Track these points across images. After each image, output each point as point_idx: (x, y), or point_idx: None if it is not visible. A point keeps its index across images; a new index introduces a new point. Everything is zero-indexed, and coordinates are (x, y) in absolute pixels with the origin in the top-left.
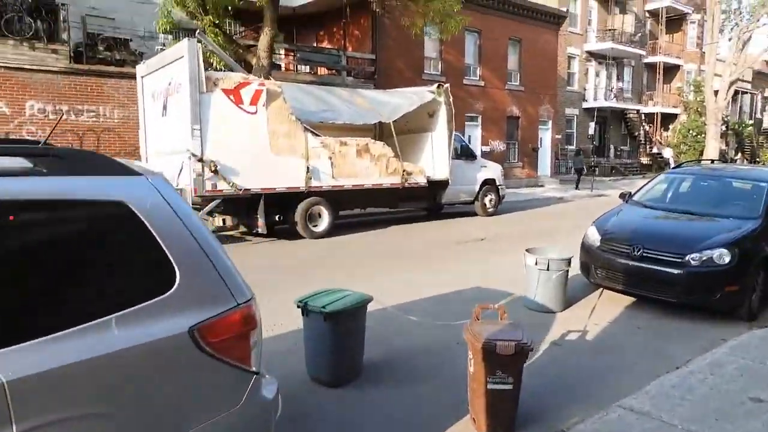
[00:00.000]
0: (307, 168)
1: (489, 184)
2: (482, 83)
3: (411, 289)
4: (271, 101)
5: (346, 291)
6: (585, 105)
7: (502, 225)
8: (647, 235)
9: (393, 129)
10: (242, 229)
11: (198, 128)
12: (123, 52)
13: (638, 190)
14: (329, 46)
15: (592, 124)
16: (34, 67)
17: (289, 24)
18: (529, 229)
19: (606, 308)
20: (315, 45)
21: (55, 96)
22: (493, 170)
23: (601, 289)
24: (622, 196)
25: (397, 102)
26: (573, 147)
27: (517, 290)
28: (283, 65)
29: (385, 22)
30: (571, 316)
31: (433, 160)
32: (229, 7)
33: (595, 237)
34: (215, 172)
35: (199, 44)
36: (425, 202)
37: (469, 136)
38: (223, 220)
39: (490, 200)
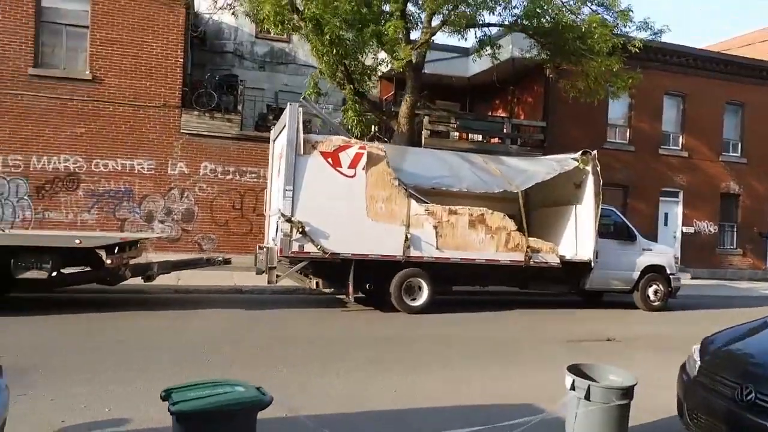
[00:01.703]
0: (406, 236)
1: (655, 271)
2: (685, 153)
3: (403, 395)
4: (372, 165)
5: (241, 385)
6: None
7: (661, 323)
8: None
9: (521, 199)
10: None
11: (291, 189)
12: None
13: None
14: (503, 115)
15: None
16: (211, 134)
17: (464, 94)
18: (696, 334)
19: None
20: (489, 113)
21: (225, 158)
22: (660, 255)
23: None
24: None
25: (534, 170)
26: None
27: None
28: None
29: (558, 88)
30: None
31: (575, 237)
32: (371, 77)
33: (695, 361)
34: (303, 233)
35: (301, 109)
36: (563, 286)
37: (666, 214)
38: (317, 283)
39: (655, 291)
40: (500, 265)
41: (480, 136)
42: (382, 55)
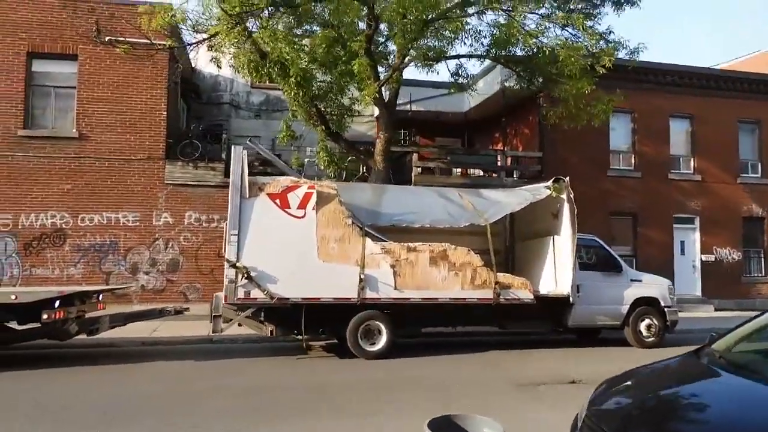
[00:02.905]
0: (361, 277)
1: (648, 304)
2: (698, 177)
3: None
4: (323, 204)
5: None
6: None
7: (645, 361)
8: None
9: (489, 232)
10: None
11: (235, 233)
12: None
13: (738, 327)
14: (503, 148)
15: None
16: (195, 183)
17: (462, 129)
18: None
19: None
20: (490, 147)
21: (210, 206)
22: (652, 286)
23: None
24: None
25: (506, 201)
26: None
27: None
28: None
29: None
30: None
31: (554, 270)
32: (346, 117)
33: (583, 410)
34: (249, 278)
35: (245, 151)
36: (543, 324)
37: (682, 242)
38: (271, 331)
39: (648, 327)
40: (467, 303)
41: (476, 171)
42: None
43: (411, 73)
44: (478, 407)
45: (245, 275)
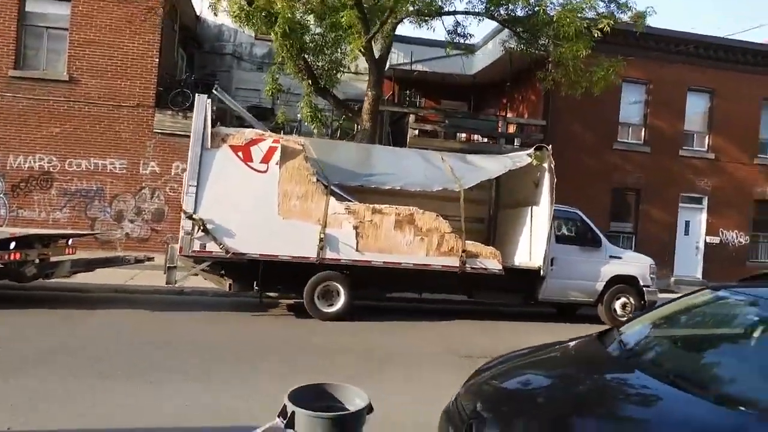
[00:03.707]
0: (321, 236)
1: (625, 282)
2: (711, 155)
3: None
4: (287, 159)
5: None
6: None
7: None
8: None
9: (463, 198)
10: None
11: (194, 184)
12: (266, 121)
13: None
14: (510, 114)
15: None
16: (184, 133)
17: (469, 93)
18: None
19: None
20: (497, 113)
21: None
22: (632, 264)
23: None
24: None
25: (485, 167)
26: None
27: None
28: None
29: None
30: None
31: (530, 242)
32: (337, 72)
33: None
34: (206, 231)
35: (209, 100)
36: (513, 296)
37: (687, 222)
38: (230, 285)
39: (623, 305)
40: (432, 270)
41: (478, 137)
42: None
43: (414, 31)
44: (391, 377)
45: (201, 227)
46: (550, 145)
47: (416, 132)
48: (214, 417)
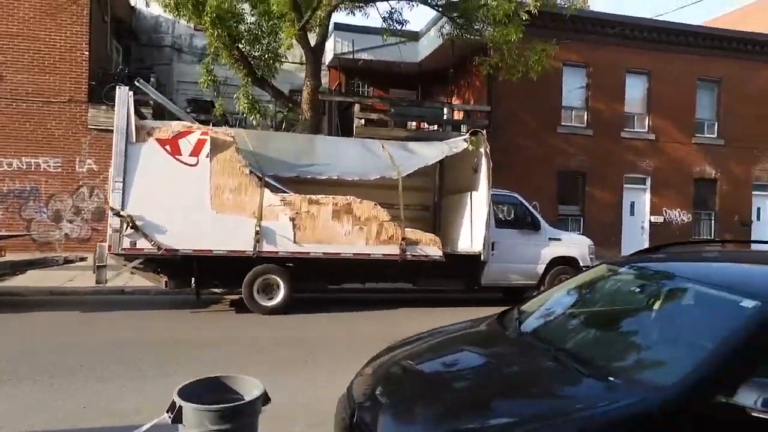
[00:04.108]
0: (257, 229)
1: (567, 263)
2: (652, 136)
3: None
4: (218, 152)
5: None
6: None
7: None
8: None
9: (400, 186)
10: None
11: (120, 181)
12: (208, 114)
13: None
14: (456, 102)
15: None
16: None
17: (416, 81)
18: None
19: None
20: (445, 100)
21: None
22: (571, 246)
23: None
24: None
25: (423, 154)
26: None
27: None
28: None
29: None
30: None
31: (471, 227)
32: (277, 64)
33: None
34: (135, 228)
35: (131, 92)
36: (457, 282)
37: (632, 203)
38: (165, 282)
39: None
40: (372, 259)
41: (425, 125)
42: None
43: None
44: (319, 367)
45: (130, 224)
46: (485, 131)
47: (362, 121)
48: (109, 417)
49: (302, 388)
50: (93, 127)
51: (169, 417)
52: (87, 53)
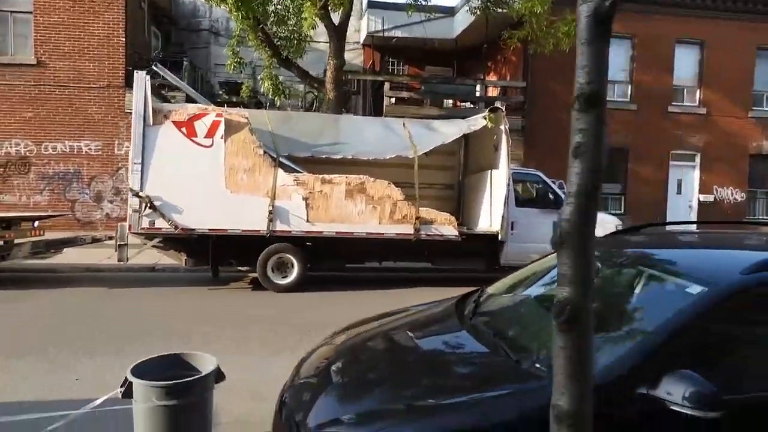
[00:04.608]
0: (271, 209)
1: None
2: (703, 110)
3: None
4: (232, 133)
5: None
6: None
7: None
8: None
9: (416, 164)
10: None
11: (139, 162)
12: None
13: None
14: (494, 78)
15: None
16: None
17: (452, 58)
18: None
19: None
20: (481, 77)
21: None
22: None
23: None
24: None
25: (442, 131)
26: None
27: None
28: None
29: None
30: None
31: (491, 206)
32: (304, 44)
33: None
34: (153, 208)
35: (148, 77)
36: (476, 262)
37: (679, 181)
38: (186, 261)
39: None
40: (385, 239)
41: (456, 103)
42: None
43: None
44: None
45: (149, 205)
46: (504, 107)
47: (392, 100)
48: (99, 390)
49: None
50: (130, 111)
51: (120, 392)
52: (124, 39)
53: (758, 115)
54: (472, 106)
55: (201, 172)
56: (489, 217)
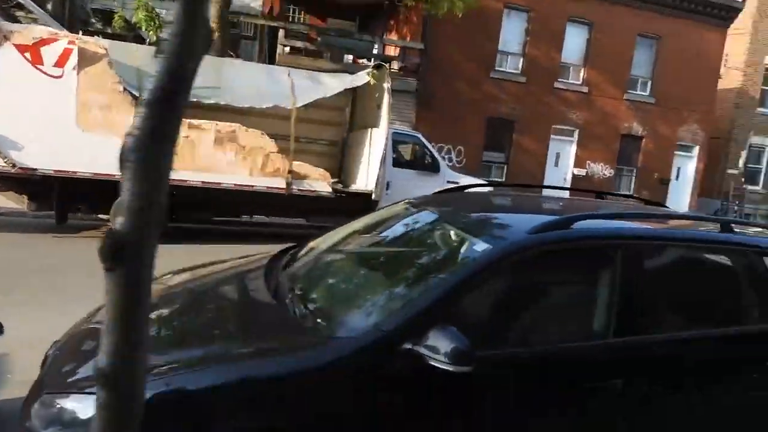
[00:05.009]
0: None
1: None
2: (585, 89)
3: None
4: (87, 64)
5: None
6: None
7: None
8: None
9: (293, 116)
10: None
11: None
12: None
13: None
14: (394, 37)
15: None
16: None
17: (356, 12)
18: None
19: None
20: (383, 34)
21: None
22: None
23: None
24: None
25: (325, 84)
26: (760, 188)
27: None
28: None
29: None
30: None
31: (368, 165)
32: None
33: None
34: None
35: None
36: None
37: (558, 154)
38: (28, 204)
39: None
40: (255, 191)
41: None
42: None
43: None
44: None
45: None
46: (388, 64)
47: (287, 49)
48: None
49: None
50: None
51: None
52: None
53: (632, 98)
54: (370, 64)
55: (47, 106)
56: (366, 176)
